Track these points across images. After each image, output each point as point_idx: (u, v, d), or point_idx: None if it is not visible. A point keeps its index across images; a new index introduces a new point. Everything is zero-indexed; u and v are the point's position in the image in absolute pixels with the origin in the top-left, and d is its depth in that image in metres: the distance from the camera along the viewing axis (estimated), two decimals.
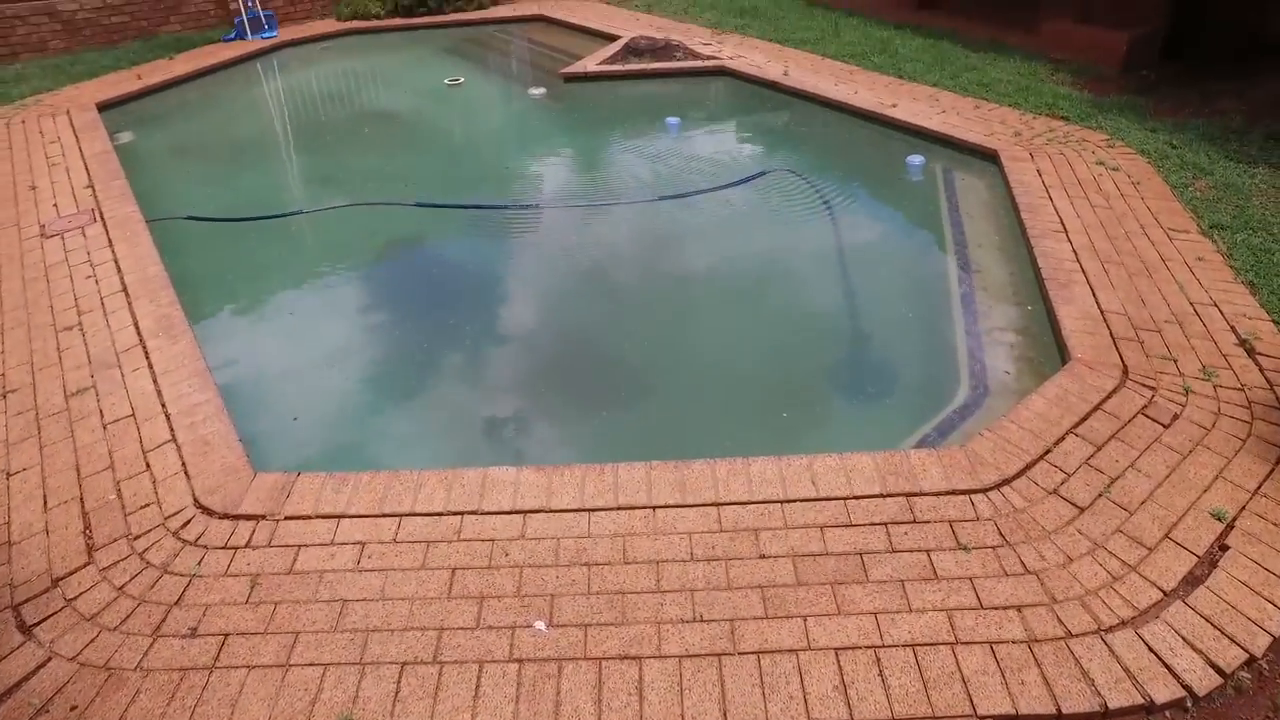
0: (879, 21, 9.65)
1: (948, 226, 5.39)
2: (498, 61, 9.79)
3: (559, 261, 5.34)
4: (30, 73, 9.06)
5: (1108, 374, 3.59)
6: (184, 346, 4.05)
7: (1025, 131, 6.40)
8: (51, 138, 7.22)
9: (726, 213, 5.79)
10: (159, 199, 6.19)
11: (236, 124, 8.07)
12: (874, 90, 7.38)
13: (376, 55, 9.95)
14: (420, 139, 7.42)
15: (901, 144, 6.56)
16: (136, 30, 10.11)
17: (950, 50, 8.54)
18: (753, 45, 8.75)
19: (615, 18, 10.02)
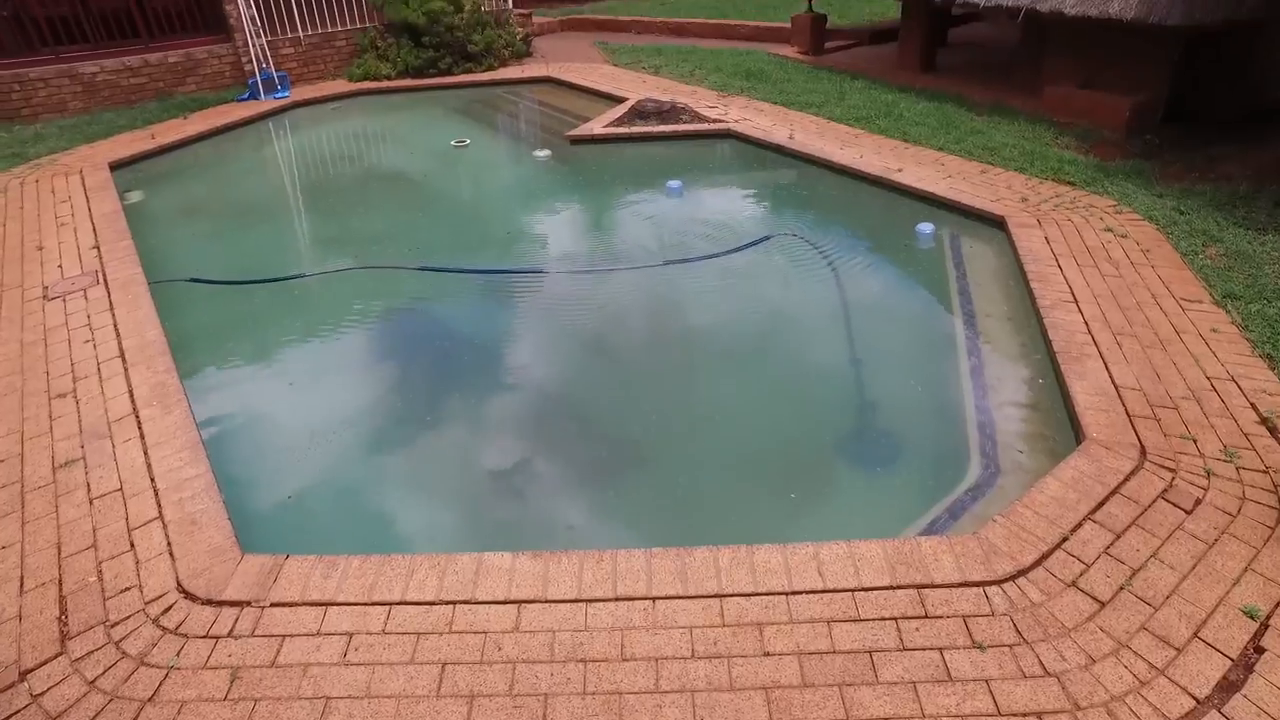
0: (884, 85, 9.75)
1: (955, 294, 5.32)
2: (505, 123, 9.91)
3: (562, 329, 5.27)
4: (48, 133, 9.21)
5: (1125, 454, 3.47)
6: (178, 417, 3.97)
7: (1032, 197, 6.38)
8: (63, 197, 7.28)
9: (732, 278, 5.75)
10: (164, 260, 6.21)
11: (245, 183, 8.14)
12: (880, 154, 7.40)
13: (385, 115, 10.09)
14: (425, 201, 7.45)
15: (908, 209, 6.55)
16: (154, 91, 10.30)
17: (955, 114, 8.59)
18: (758, 108, 8.83)
19: (622, 80, 10.16)
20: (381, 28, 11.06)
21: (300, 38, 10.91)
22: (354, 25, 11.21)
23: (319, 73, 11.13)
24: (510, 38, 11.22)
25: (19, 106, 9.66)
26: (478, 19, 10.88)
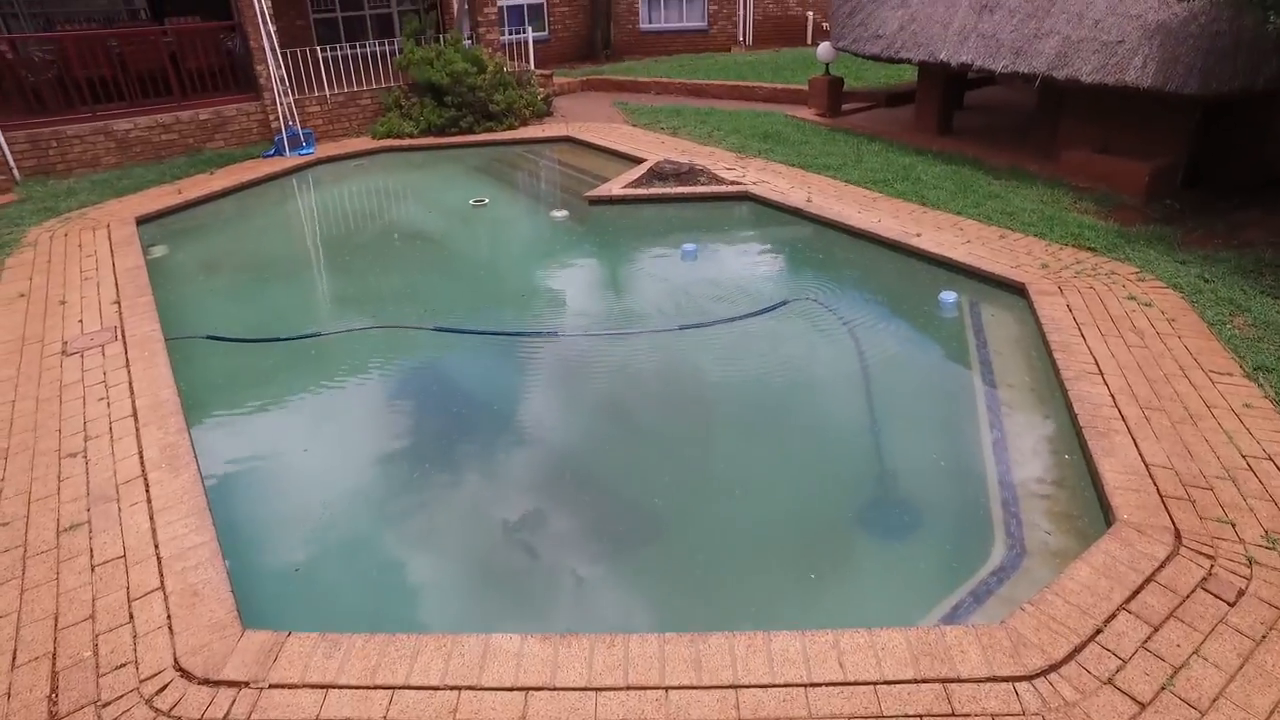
0: (901, 147, 9.81)
1: (976, 363, 5.24)
2: (524, 181, 10.03)
3: (577, 395, 5.22)
4: (80, 187, 9.40)
5: (1158, 539, 3.33)
6: (186, 480, 3.92)
7: (1052, 263, 6.32)
8: (89, 251, 7.38)
9: (749, 343, 5.70)
10: (183, 315, 6.25)
11: (266, 239, 8.25)
12: (898, 218, 7.39)
13: (407, 173, 10.25)
14: (443, 259, 7.49)
15: (927, 274, 6.50)
16: (184, 147, 10.53)
17: (972, 177, 8.61)
18: (776, 170, 8.89)
19: (641, 140, 10.29)
20: (406, 87, 11.31)
21: (327, 96, 11.16)
22: (379, 85, 11.47)
23: (344, 130, 11.36)
24: (531, 98, 11.43)
25: (55, 162, 9.89)
26: (500, 79, 11.10)
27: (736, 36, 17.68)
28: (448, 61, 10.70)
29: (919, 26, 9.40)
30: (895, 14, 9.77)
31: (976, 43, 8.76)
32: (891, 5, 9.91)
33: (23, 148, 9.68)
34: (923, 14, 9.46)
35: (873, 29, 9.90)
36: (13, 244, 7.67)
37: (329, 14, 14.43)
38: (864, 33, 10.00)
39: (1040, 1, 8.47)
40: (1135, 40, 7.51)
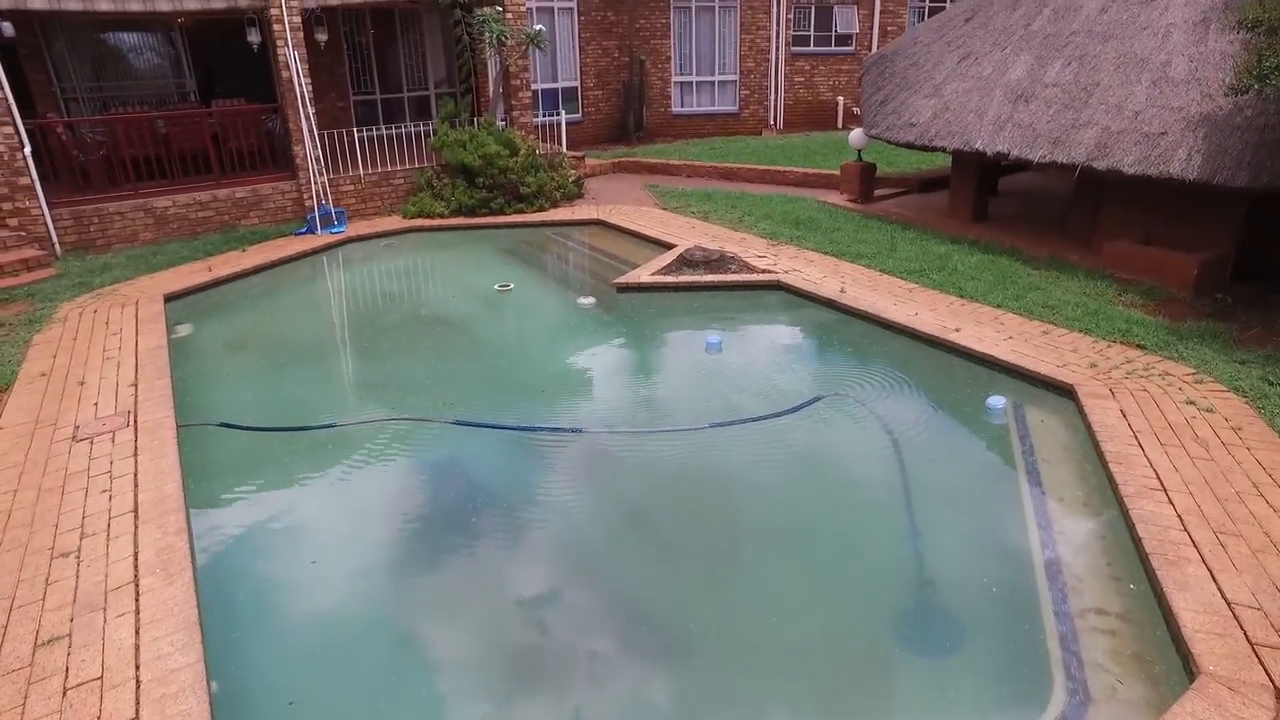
0: (935, 235, 9.64)
1: (1023, 473, 4.89)
2: (552, 265, 9.97)
3: (599, 497, 4.95)
4: (116, 262, 9.50)
5: (1255, 699, 2.94)
6: (179, 590, 3.68)
7: (1101, 362, 6.01)
8: (115, 329, 7.36)
9: (781, 443, 5.42)
10: (200, 399, 6.13)
11: (292, 319, 8.20)
12: (935, 311, 7.14)
13: (435, 253, 10.26)
14: (465, 346, 7.33)
15: (967, 372, 6.22)
16: (218, 224, 10.68)
17: (1010, 268, 8.38)
18: (808, 259, 8.73)
19: (671, 224, 10.23)
20: (438, 168, 11.45)
21: (361, 175, 11.33)
22: (413, 165, 11.63)
23: (376, 209, 11.48)
24: (562, 180, 11.50)
25: (96, 237, 10.06)
26: (532, 162, 11.20)
27: (767, 120, 17.89)
28: (480, 144, 10.83)
29: (953, 115, 9.34)
30: (928, 102, 9.73)
31: (1013, 132, 8.65)
32: (924, 94, 9.89)
33: (67, 223, 9.87)
34: (956, 103, 9.41)
35: (905, 117, 9.86)
36: (44, 319, 7.69)
37: (369, 96, 14.85)
38: (896, 120, 9.96)
39: (1076, 92, 8.37)
40: (1178, 132, 7.34)
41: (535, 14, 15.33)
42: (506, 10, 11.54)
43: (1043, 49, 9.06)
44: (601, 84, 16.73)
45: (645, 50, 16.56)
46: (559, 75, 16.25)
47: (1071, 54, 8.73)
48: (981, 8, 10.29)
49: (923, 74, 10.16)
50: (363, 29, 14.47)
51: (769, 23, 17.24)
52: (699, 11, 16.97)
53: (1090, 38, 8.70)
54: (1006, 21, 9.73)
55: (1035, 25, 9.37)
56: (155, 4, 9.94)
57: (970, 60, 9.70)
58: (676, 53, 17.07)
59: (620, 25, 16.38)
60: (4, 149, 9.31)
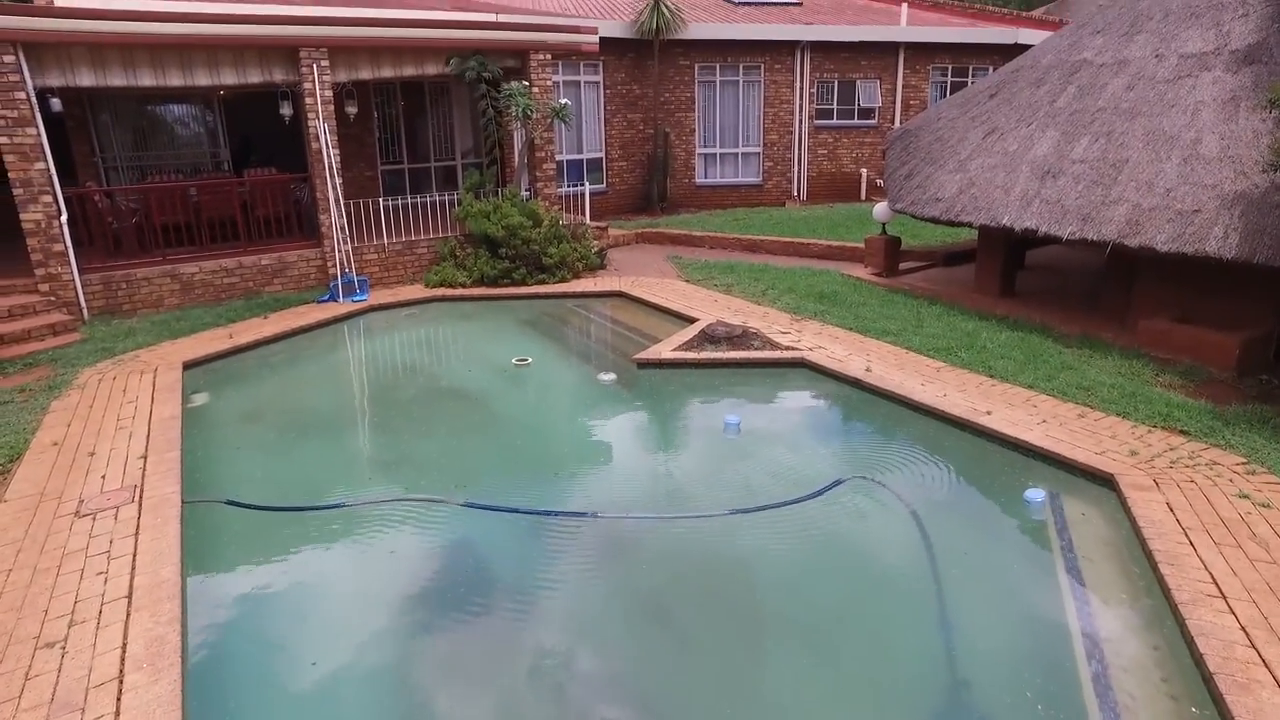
0: (962, 311, 9.45)
1: (1063, 573, 4.59)
2: (573, 338, 9.86)
3: (614, 589, 4.70)
4: (140, 327, 9.56)
5: None
6: (164, 689, 3.47)
7: (1142, 450, 5.72)
8: (131, 396, 7.32)
9: (804, 530, 5.17)
10: (210, 472, 6.02)
11: (308, 390, 8.12)
12: (964, 392, 6.91)
13: (455, 324, 10.22)
14: (481, 422, 7.14)
15: (999, 457, 5.95)
16: (243, 290, 10.76)
17: (1041, 346, 8.15)
18: (833, 335, 8.56)
19: (694, 298, 10.13)
20: (461, 238, 11.53)
21: (385, 244, 11.42)
22: (436, 234, 11.72)
23: (398, 277, 11.53)
24: (585, 251, 11.51)
25: (123, 302, 10.16)
26: (555, 233, 11.23)
27: (791, 191, 17.99)
28: (504, 215, 10.90)
29: (979, 191, 9.25)
30: (953, 178, 9.67)
31: (1040, 208, 8.52)
32: (949, 169, 9.83)
33: (96, 288, 9.99)
34: (982, 178, 9.33)
35: (931, 192, 9.79)
36: (63, 385, 7.68)
37: (397, 166, 15.13)
38: (922, 195, 9.89)
39: (1105, 169, 8.26)
40: (1213, 210, 7.17)
41: (562, 87, 15.67)
42: (533, 84, 11.76)
43: (1069, 125, 8.99)
44: (626, 155, 16.96)
45: (670, 122, 16.81)
46: (584, 146, 16.50)
47: (1098, 130, 8.65)
48: (1005, 84, 10.30)
49: (947, 149, 10.13)
50: (393, 101, 14.84)
51: (792, 96, 17.48)
52: (723, 85, 17.26)
53: (1117, 115, 8.62)
54: (1031, 98, 9.71)
55: (1060, 102, 9.33)
56: (194, 78, 10.22)
57: (995, 136, 9.66)
58: (700, 125, 17.31)
59: (645, 98, 16.68)
60: (42, 217, 9.50)
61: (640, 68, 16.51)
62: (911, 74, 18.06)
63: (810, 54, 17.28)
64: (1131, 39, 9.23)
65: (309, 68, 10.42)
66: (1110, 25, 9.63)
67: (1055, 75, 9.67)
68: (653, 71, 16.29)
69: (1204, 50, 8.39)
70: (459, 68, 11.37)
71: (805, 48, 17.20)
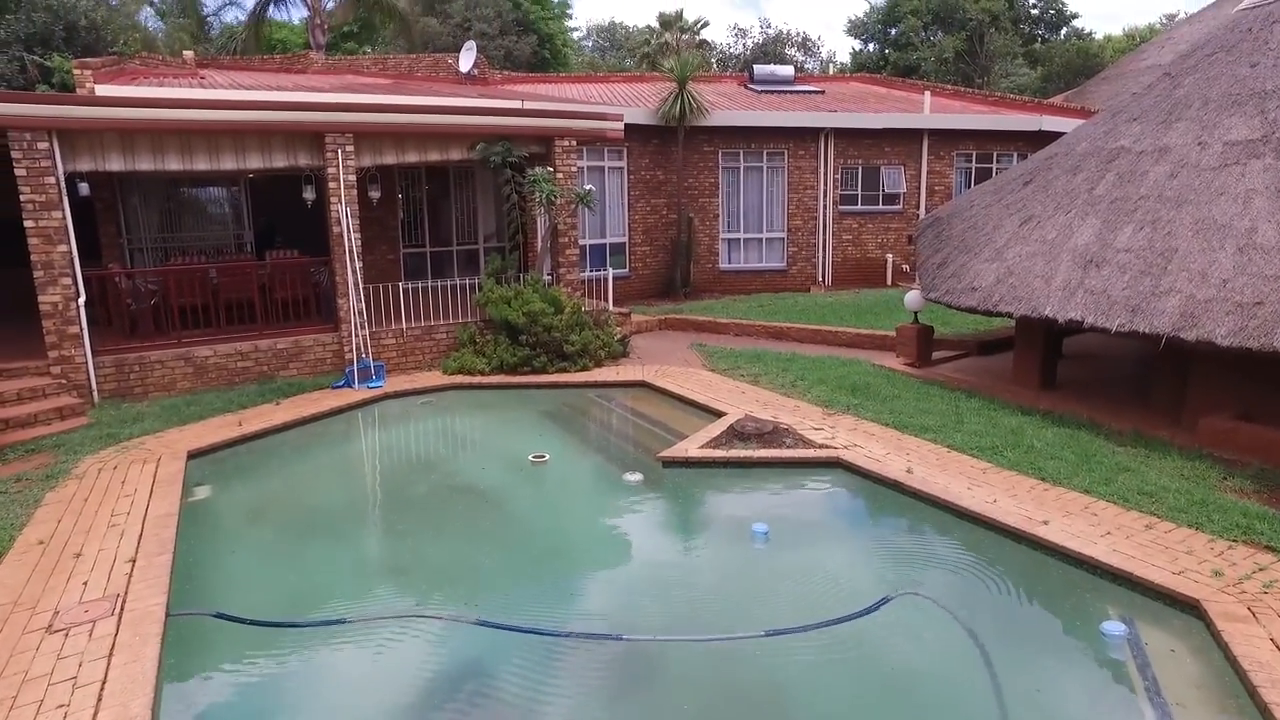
0: (1003, 405, 8.97)
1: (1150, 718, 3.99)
2: (593, 432, 9.40)
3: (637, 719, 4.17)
4: (150, 412, 9.29)
5: None
6: None
7: (1227, 569, 5.14)
8: (129, 489, 6.96)
9: (846, 654, 4.63)
10: (202, 578, 5.59)
11: (315, 485, 7.72)
12: (1015, 497, 6.38)
13: (473, 414, 9.84)
14: (496, 528, 6.61)
15: (1060, 574, 5.39)
16: (257, 374, 10.52)
17: (1092, 444, 7.63)
18: (868, 431, 8.08)
19: (720, 389, 9.71)
20: (482, 324, 11.29)
21: (403, 329, 11.20)
22: (456, 320, 11.50)
23: (416, 363, 11.26)
24: (607, 339, 11.20)
25: (134, 385, 9.95)
26: (577, 320, 10.96)
27: (815, 277, 17.77)
28: (525, 301, 10.66)
29: (1017, 280, 8.88)
30: (990, 267, 9.33)
31: (1085, 299, 8.12)
32: (985, 258, 9.50)
33: (108, 371, 9.79)
34: (1020, 267, 8.97)
35: (966, 281, 9.44)
36: (62, 475, 7.36)
37: (419, 249, 15.10)
38: (957, 285, 9.54)
39: (1153, 258, 7.88)
40: (1277, 301, 6.73)
41: (586, 172, 15.71)
42: (557, 170, 11.70)
43: (1110, 213, 8.67)
44: (649, 240, 16.88)
45: (693, 207, 16.77)
46: (607, 231, 16.45)
47: (1142, 219, 8.31)
48: (1039, 172, 10.06)
49: (982, 237, 9.83)
50: (418, 184, 14.91)
51: (816, 182, 17.45)
52: (747, 170, 17.29)
53: (1161, 203, 8.29)
54: (1068, 185, 9.43)
55: (1099, 190, 9.03)
56: (220, 162, 10.24)
57: (1032, 224, 9.36)
58: (724, 209, 17.27)
59: (669, 183, 16.69)
60: (60, 299, 9.39)
61: (664, 153, 16.58)
62: (936, 160, 18.03)
63: (834, 140, 17.32)
64: (1170, 126, 8.98)
65: (334, 152, 10.42)
66: (1147, 113, 9.41)
67: (1092, 162, 9.42)
68: (676, 156, 16.35)
69: (1250, 137, 8.10)
70: (484, 153, 11.35)
71: (829, 134, 17.26)
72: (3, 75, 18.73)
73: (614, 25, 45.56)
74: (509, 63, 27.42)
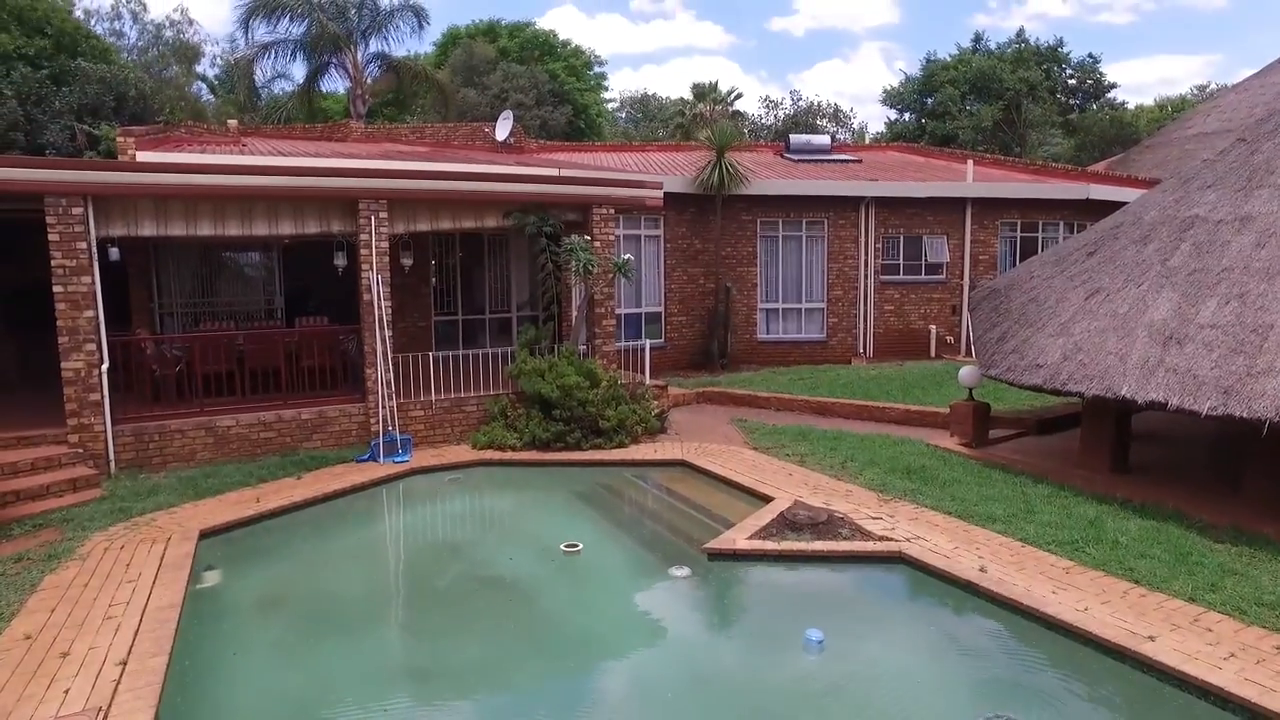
0: (1074, 492, 8.22)
1: None
2: (630, 518, 8.71)
3: None
4: (165, 484, 8.88)
5: None
6: None
7: None
8: (133, 573, 6.46)
9: None
10: (199, 687, 5.03)
11: (332, 572, 7.16)
12: (1108, 603, 5.64)
13: (502, 494, 9.27)
14: (524, 627, 5.94)
15: (1179, 705, 4.62)
16: (279, 445, 10.10)
17: (1184, 540, 6.88)
18: (930, 521, 7.38)
19: (766, 471, 9.05)
20: (514, 396, 10.82)
21: (432, 401, 10.77)
22: (487, 391, 11.05)
23: (444, 436, 10.79)
24: (644, 413, 10.64)
25: (153, 455, 9.57)
26: (613, 394, 10.44)
27: (856, 348, 17.17)
28: (560, 374, 10.18)
29: (1086, 357, 8.23)
30: (1055, 342, 8.69)
31: (1167, 378, 7.45)
32: (1049, 333, 8.88)
33: (127, 440, 9.43)
34: (1089, 343, 8.33)
35: (1030, 357, 8.80)
36: (65, 555, 6.91)
37: (451, 317, 14.80)
38: (1019, 361, 8.90)
39: (1245, 335, 7.22)
40: None
41: (622, 241, 15.42)
42: (594, 239, 11.37)
43: (1189, 286, 8.05)
44: (685, 309, 16.46)
45: (731, 277, 16.38)
46: (643, 300, 16.07)
47: (1228, 293, 7.68)
48: (1104, 242, 9.50)
49: (1045, 310, 9.23)
50: (451, 251, 14.70)
51: (857, 251, 17.02)
52: (785, 240, 16.92)
53: (1249, 275, 7.67)
54: (1138, 256, 8.84)
55: (1174, 261, 8.43)
56: (253, 228, 10.05)
57: (1100, 297, 8.74)
58: (763, 279, 16.85)
59: (706, 252, 16.35)
60: (83, 365, 9.11)
61: (701, 221, 16.29)
62: (980, 229, 17.53)
63: (875, 209, 16.94)
64: (1251, 194, 8.41)
65: (367, 219, 10.18)
66: (1222, 180, 8.86)
67: (1164, 232, 8.84)
68: (714, 225, 16.04)
69: None
70: (520, 222, 11.07)
71: (870, 203, 16.89)
72: (53, 144, 19.19)
73: (647, 96, 46.32)
74: (544, 132, 27.74)
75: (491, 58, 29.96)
